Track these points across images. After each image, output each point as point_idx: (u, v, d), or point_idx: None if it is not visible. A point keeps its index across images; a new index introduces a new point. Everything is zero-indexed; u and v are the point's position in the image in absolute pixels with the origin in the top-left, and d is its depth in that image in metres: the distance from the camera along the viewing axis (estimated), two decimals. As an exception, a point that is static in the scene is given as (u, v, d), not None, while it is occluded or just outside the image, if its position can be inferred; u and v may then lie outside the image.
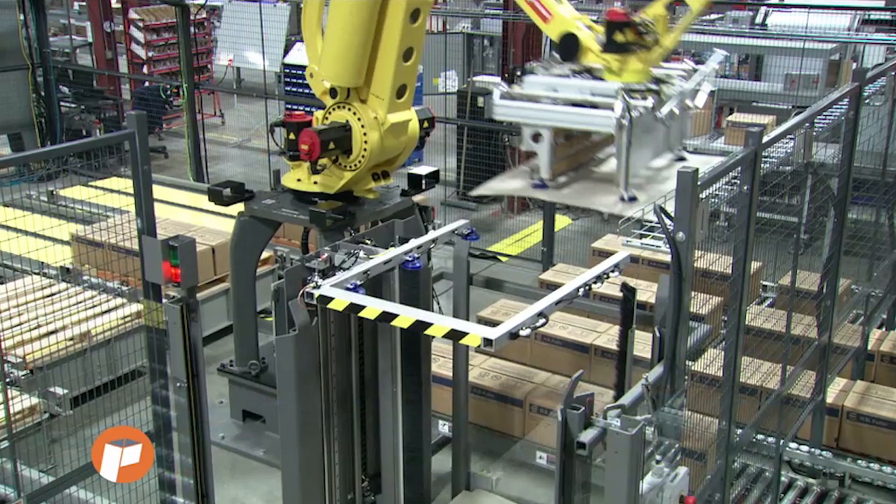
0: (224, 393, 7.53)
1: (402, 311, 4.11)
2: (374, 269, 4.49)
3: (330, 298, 4.18)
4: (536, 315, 4.12)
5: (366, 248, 4.61)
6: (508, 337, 3.93)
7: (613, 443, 3.24)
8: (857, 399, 6.04)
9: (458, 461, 5.59)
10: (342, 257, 4.51)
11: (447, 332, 3.93)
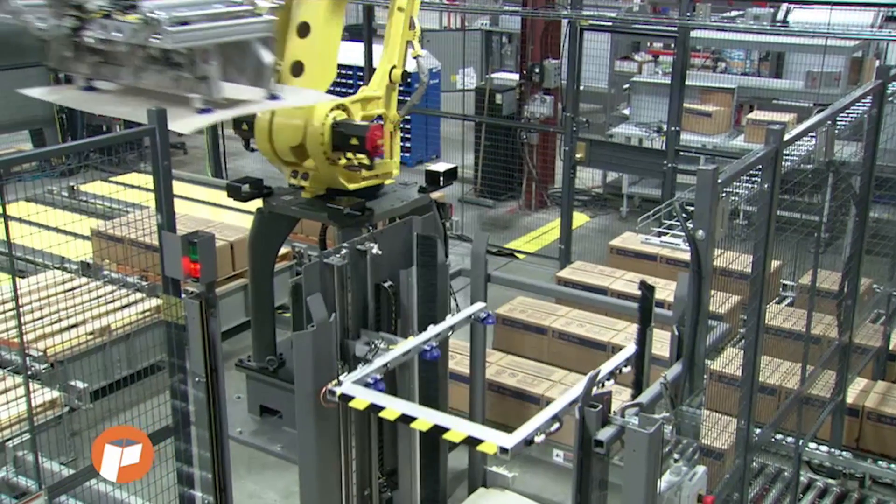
0: (242, 388, 7.56)
1: (420, 414, 4.18)
2: (394, 361, 4.55)
3: (351, 397, 4.27)
4: (551, 419, 4.15)
5: (385, 338, 4.74)
6: (524, 444, 3.98)
7: (631, 441, 3.22)
8: (878, 399, 5.99)
9: (474, 458, 5.59)
10: (363, 348, 4.64)
11: (464, 439, 4.01)
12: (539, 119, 11.14)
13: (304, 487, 4.57)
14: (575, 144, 9.44)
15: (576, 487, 3.55)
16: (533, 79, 11.17)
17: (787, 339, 4.99)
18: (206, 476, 4.48)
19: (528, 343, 7.12)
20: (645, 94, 11.74)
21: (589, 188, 12.07)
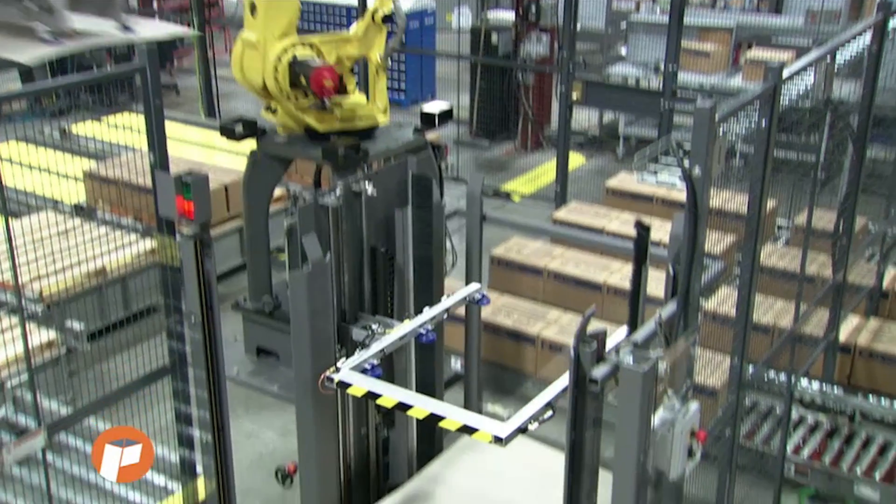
0: (238, 330, 7.60)
1: (417, 402, 4.22)
2: (390, 346, 4.59)
3: (349, 384, 4.32)
4: (545, 406, 4.18)
5: (382, 322, 4.77)
6: (518, 433, 4.02)
7: (626, 379, 3.24)
8: (870, 337, 6.04)
9: (470, 397, 5.64)
10: (361, 333, 4.67)
11: (459, 427, 4.06)
12: (535, 59, 11.02)
13: (302, 426, 4.61)
14: (571, 84, 9.35)
15: (570, 425, 3.58)
16: (529, 18, 11.02)
17: (781, 279, 5.01)
18: (204, 415, 4.52)
19: (523, 284, 7.14)
20: (642, 34, 11.60)
21: (585, 129, 12.00)
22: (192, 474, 4.76)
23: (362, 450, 5.06)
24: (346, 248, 4.76)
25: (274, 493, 5.90)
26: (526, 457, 5.30)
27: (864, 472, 5.24)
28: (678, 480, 3.57)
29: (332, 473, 4.78)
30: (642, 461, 3.30)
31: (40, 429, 3.93)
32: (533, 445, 5.43)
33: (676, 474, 3.46)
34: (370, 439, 5.08)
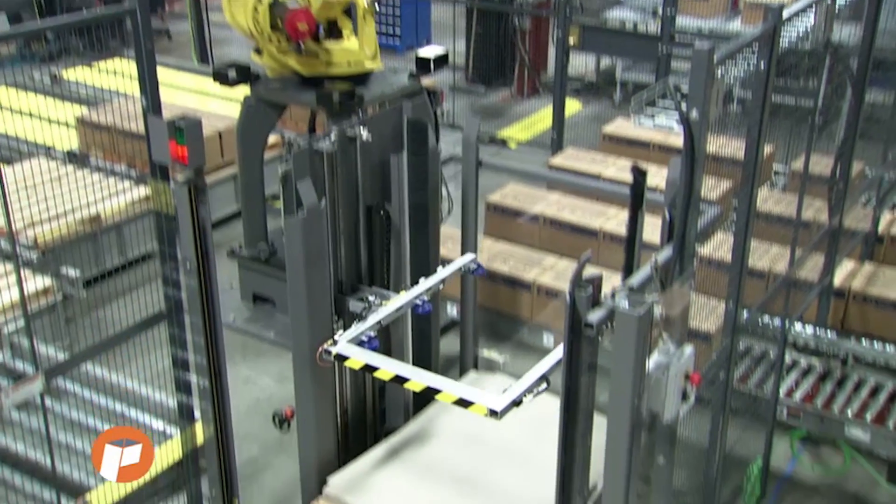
0: (234, 277, 7.60)
1: (413, 376, 4.27)
2: (387, 318, 4.64)
3: (347, 357, 4.37)
4: (539, 379, 4.24)
5: (379, 293, 4.82)
6: (512, 406, 4.06)
7: (621, 323, 3.25)
8: (864, 281, 6.07)
9: (465, 343, 5.66)
10: (358, 304, 4.72)
11: (455, 400, 4.12)
12: (532, 3, 10.86)
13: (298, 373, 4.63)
14: (568, 29, 9.23)
15: (565, 370, 3.60)
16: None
17: (777, 224, 5.01)
18: (201, 361, 4.54)
19: (519, 230, 7.13)
20: (640, -23, 11.43)
21: (582, 75, 11.88)
22: (189, 419, 4.80)
23: (359, 394, 5.09)
24: (341, 195, 4.74)
25: (271, 438, 5.96)
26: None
27: (856, 413, 5.30)
28: (672, 423, 3.61)
29: (329, 418, 4.82)
30: (637, 404, 3.33)
31: (38, 374, 3.94)
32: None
33: (670, 417, 3.50)
34: (367, 384, 5.12)
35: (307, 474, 4.75)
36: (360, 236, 4.98)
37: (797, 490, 5.67)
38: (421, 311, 4.80)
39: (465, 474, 4.70)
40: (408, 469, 4.74)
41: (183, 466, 4.83)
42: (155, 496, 4.77)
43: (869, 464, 5.65)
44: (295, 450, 4.75)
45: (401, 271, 5.17)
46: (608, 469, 3.45)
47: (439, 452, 4.87)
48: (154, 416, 5.02)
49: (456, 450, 4.91)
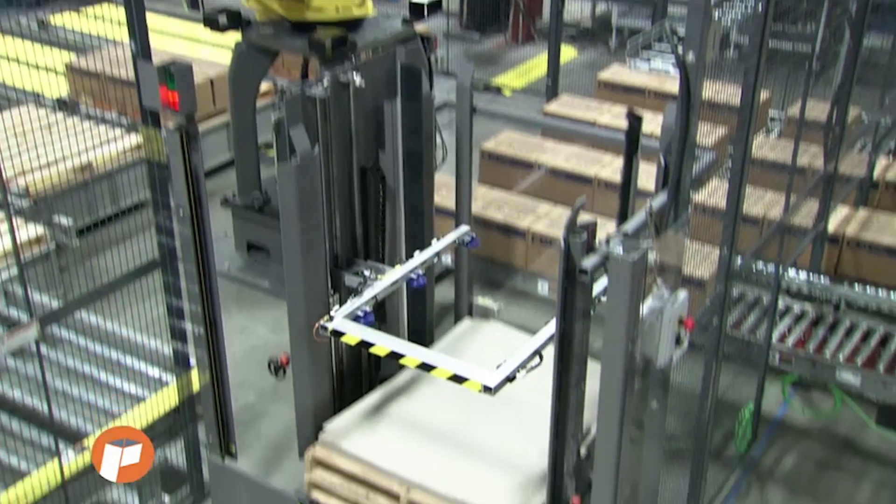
0: (228, 226, 7.58)
1: (409, 352, 4.31)
2: (383, 292, 4.69)
3: (343, 333, 4.42)
4: (533, 354, 4.28)
5: (374, 267, 4.90)
6: (506, 381, 4.10)
7: (615, 268, 3.25)
8: (858, 227, 6.07)
9: (460, 291, 5.67)
10: (353, 279, 4.79)
11: (450, 376, 4.17)
12: (526, -53, 10.70)
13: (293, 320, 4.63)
14: (563, -27, 9.10)
15: (559, 316, 3.61)
16: None
17: (772, 170, 5.00)
18: (196, 309, 4.54)
19: (514, 178, 7.10)
20: (637, -81, 11.24)
21: (577, 21, 11.74)
22: (185, 367, 4.82)
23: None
24: (334, 142, 4.70)
25: (267, 385, 5.99)
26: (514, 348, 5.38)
27: (847, 358, 5.34)
28: (665, 368, 3.62)
29: (324, 366, 4.84)
30: (630, 349, 3.34)
31: (33, 321, 3.95)
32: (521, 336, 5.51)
33: (664, 362, 3.52)
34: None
35: (303, 421, 4.78)
36: (355, 198, 4.96)
37: (788, 433, 5.75)
38: (416, 284, 4.87)
39: (459, 420, 4.75)
40: (403, 415, 4.78)
41: (179, 413, 4.86)
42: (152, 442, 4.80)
43: (858, 407, 5.72)
44: (291, 397, 4.78)
45: (396, 237, 5.16)
46: (602, 414, 3.48)
47: (434, 399, 4.90)
48: (149, 364, 5.04)
49: (450, 396, 4.95)
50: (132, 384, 4.95)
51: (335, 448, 4.59)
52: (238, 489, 4.88)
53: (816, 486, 5.35)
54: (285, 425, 5.59)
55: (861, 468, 5.50)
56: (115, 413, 4.69)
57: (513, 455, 4.45)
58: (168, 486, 5.07)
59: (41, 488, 4.20)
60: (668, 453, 4.26)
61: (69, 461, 4.34)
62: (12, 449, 4.49)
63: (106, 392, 4.84)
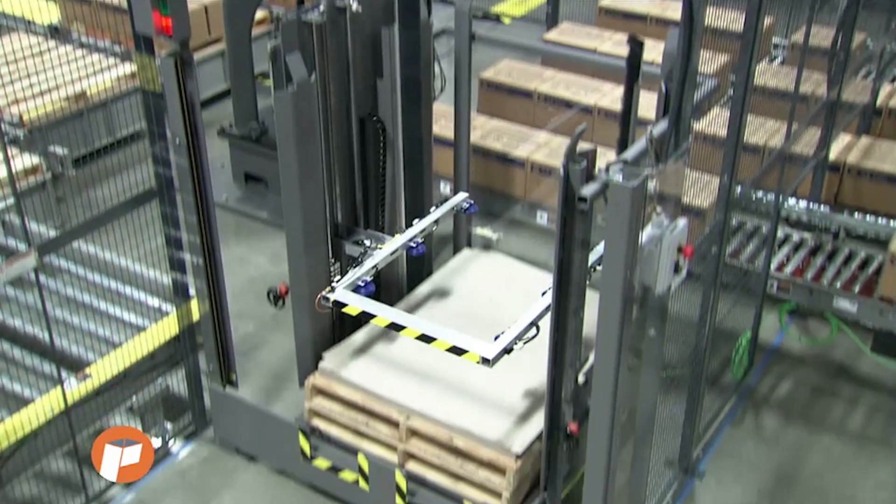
0: (225, 157, 7.53)
1: (409, 324, 4.38)
2: (382, 261, 4.77)
3: (344, 304, 4.51)
4: (529, 325, 4.33)
5: (374, 236, 4.97)
6: (504, 353, 4.17)
7: (615, 195, 3.23)
8: (859, 155, 6.02)
9: (459, 221, 5.66)
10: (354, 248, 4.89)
11: (449, 348, 4.24)
12: None
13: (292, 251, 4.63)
14: None
15: (559, 244, 3.60)
16: None
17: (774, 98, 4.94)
18: (194, 239, 4.54)
19: (513, 107, 7.03)
20: None
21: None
22: (185, 296, 4.83)
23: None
24: (331, 69, 4.63)
25: (267, 315, 6.03)
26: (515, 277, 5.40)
27: (844, 285, 5.36)
28: (664, 296, 3.64)
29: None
30: (629, 276, 3.35)
31: (31, 249, 3.94)
32: (520, 266, 5.52)
33: (662, 289, 3.53)
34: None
35: (303, 350, 4.82)
36: (354, 150, 4.92)
37: (784, 361, 5.80)
38: (415, 252, 4.94)
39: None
40: (402, 344, 4.81)
41: (180, 342, 4.89)
42: (153, 370, 4.85)
43: (854, 334, 5.76)
44: (290, 326, 4.81)
45: (396, 199, 5.15)
46: (600, 341, 3.50)
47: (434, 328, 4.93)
48: (149, 294, 5.05)
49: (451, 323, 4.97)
50: (132, 314, 4.97)
51: (335, 377, 4.63)
52: (239, 416, 4.94)
53: (810, 412, 5.43)
54: (285, 354, 5.64)
55: (855, 394, 5.57)
56: (116, 342, 4.72)
57: (512, 384, 4.50)
58: (170, 414, 5.14)
59: (45, 414, 4.25)
60: (666, 381, 4.31)
61: (72, 388, 4.38)
62: (15, 376, 4.53)
63: (106, 321, 4.86)
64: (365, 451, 4.52)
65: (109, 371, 4.53)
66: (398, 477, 4.42)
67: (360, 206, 5.10)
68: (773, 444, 5.20)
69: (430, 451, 4.39)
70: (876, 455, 5.14)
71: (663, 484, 4.60)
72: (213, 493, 4.85)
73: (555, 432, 4.02)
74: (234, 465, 5.01)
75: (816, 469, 5.05)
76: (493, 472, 4.26)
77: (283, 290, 4.77)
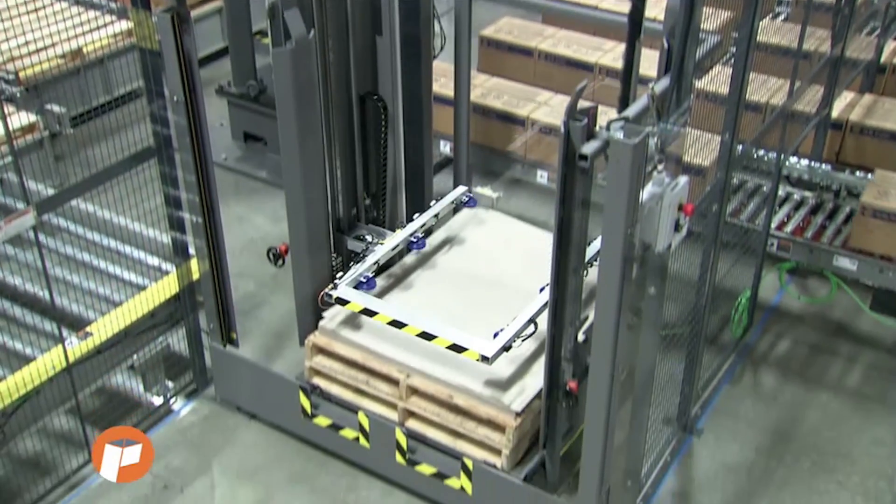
0: (224, 115, 7.50)
1: (411, 321, 4.41)
2: (384, 256, 4.86)
3: (347, 301, 4.58)
4: (527, 322, 4.39)
5: (376, 231, 5.05)
6: (503, 351, 4.24)
7: (616, 152, 3.21)
8: (862, 112, 5.98)
9: (459, 180, 5.64)
10: (355, 244, 4.96)
11: (449, 345, 4.29)
12: None
13: (291, 210, 4.63)
14: None
15: (559, 203, 3.59)
16: None
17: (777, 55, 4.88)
18: (193, 199, 4.52)
19: (513, 65, 6.97)
20: None
21: None
22: (184, 256, 4.83)
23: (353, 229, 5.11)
24: (330, 26, 4.58)
25: (267, 274, 6.03)
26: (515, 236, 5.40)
27: (844, 244, 5.35)
28: (664, 254, 3.63)
29: (323, 253, 4.86)
30: (629, 235, 3.34)
31: (29, 207, 3.93)
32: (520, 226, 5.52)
33: (662, 247, 3.52)
34: (361, 216, 5.13)
35: (303, 309, 4.83)
36: (355, 132, 4.89)
37: (783, 319, 5.82)
38: (416, 247, 4.99)
39: (458, 307, 4.80)
40: (402, 302, 4.82)
41: (180, 301, 4.90)
42: (154, 329, 4.86)
43: (854, 293, 5.77)
44: (290, 286, 4.82)
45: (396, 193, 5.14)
46: (600, 299, 3.51)
47: (434, 286, 4.94)
48: (149, 254, 5.05)
49: (449, 284, 4.98)
50: (132, 273, 4.97)
51: (335, 335, 4.65)
52: (240, 375, 4.97)
53: (808, 370, 5.46)
54: (286, 313, 5.66)
55: (853, 352, 5.59)
56: (117, 301, 4.72)
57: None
58: (171, 372, 5.16)
59: (46, 372, 4.27)
60: (665, 339, 4.32)
61: (73, 346, 4.39)
62: (16, 335, 4.54)
63: (106, 280, 4.86)
64: (365, 409, 4.55)
65: (110, 330, 4.54)
66: (398, 434, 4.45)
67: (361, 200, 5.11)
68: (770, 402, 5.23)
69: (430, 409, 4.42)
70: (873, 412, 5.17)
71: (662, 441, 4.64)
72: (214, 451, 4.89)
73: (554, 390, 4.04)
74: (235, 423, 5.05)
75: (813, 426, 5.09)
76: (492, 429, 4.29)
77: (283, 249, 4.77)
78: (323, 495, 4.65)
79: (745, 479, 4.78)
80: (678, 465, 4.84)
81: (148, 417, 5.02)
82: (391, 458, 4.53)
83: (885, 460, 4.88)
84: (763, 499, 4.67)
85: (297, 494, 4.65)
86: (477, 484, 4.30)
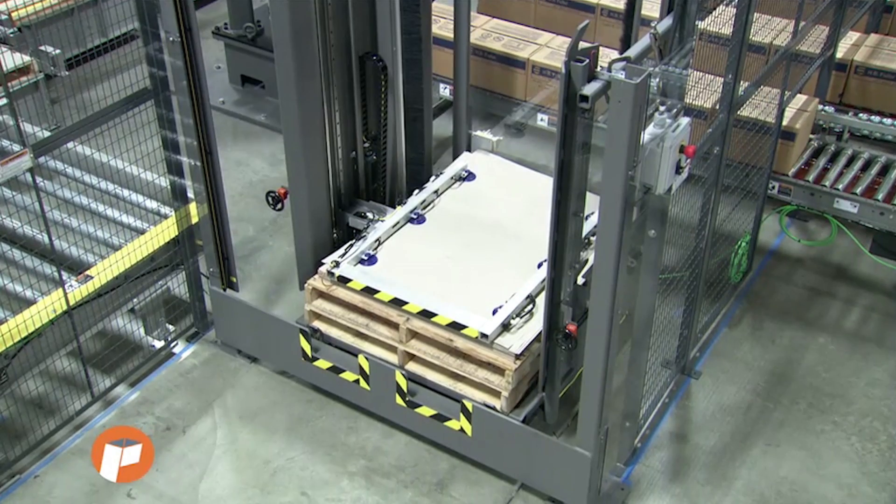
0: (221, 58, 7.42)
1: (412, 298, 4.41)
2: (385, 234, 4.83)
3: (349, 279, 4.56)
4: (526, 300, 4.41)
5: (376, 207, 5.08)
6: (501, 329, 4.29)
7: (617, 92, 3.18)
8: (867, 53, 5.89)
9: (458, 123, 5.60)
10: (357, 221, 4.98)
11: (449, 323, 4.32)
12: None
13: (290, 153, 4.60)
14: None
15: (559, 146, 3.56)
16: None
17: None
18: (191, 143, 4.49)
19: (513, 7, 6.87)
20: None
21: None
22: (183, 200, 4.81)
23: (351, 173, 5.09)
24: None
25: (266, 219, 6.02)
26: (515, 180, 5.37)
27: (846, 187, 5.32)
28: (664, 196, 3.61)
29: (322, 198, 4.84)
30: (630, 176, 3.32)
31: (25, 149, 3.90)
32: (520, 169, 5.49)
33: (663, 189, 3.50)
34: (359, 163, 5.10)
35: (302, 253, 4.83)
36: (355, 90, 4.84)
37: (783, 263, 5.82)
38: (416, 223, 4.95)
39: (458, 251, 4.80)
40: (401, 247, 4.82)
41: (179, 245, 4.89)
42: (154, 273, 4.86)
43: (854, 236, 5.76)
44: (290, 230, 4.81)
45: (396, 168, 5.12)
46: (600, 241, 3.50)
47: (433, 233, 4.94)
48: (147, 197, 5.03)
49: (448, 228, 4.97)
50: (131, 217, 4.95)
51: (335, 279, 4.65)
52: (240, 318, 4.98)
53: (807, 313, 5.47)
54: (286, 258, 5.66)
55: (852, 295, 5.60)
56: (116, 244, 4.71)
57: (513, 286, 4.52)
58: (172, 316, 5.18)
59: (48, 315, 4.28)
60: (664, 283, 4.33)
61: (73, 290, 4.40)
62: (16, 278, 4.54)
63: (105, 224, 4.84)
64: (365, 353, 4.58)
65: (110, 273, 4.54)
66: (398, 377, 4.48)
67: (362, 175, 5.10)
68: (768, 345, 5.26)
69: (430, 351, 4.45)
70: (870, 354, 5.20)
71: (660, 384, 4.68)
72: (215, 393, 4.93)
73: (553, 333, 4.06)
74: (235, 366, 5.08)
75: (811, 368, 5.12)
76: (492, 372, 4.32)
77: (283, 192, 4.75)
78: (323, 437, 4.70)
79: (742, 419, 4.83)
80: (676, 406, 4.88)
81: (149, 360, 5.05)
82: (391, 400, 4.57)
83: (881, 401, 4.92)
84: (760, 438, 4.72)
85: (297, 436, 4.70)
86: (476, 425, 4.35)
